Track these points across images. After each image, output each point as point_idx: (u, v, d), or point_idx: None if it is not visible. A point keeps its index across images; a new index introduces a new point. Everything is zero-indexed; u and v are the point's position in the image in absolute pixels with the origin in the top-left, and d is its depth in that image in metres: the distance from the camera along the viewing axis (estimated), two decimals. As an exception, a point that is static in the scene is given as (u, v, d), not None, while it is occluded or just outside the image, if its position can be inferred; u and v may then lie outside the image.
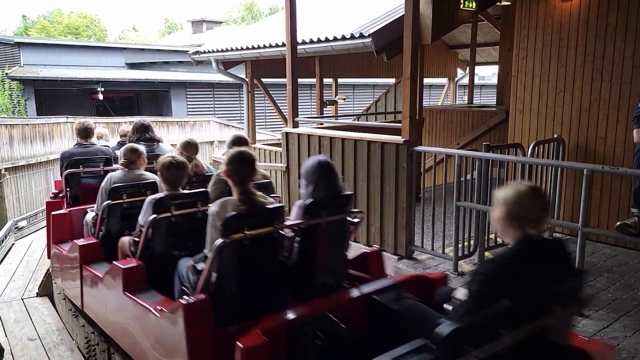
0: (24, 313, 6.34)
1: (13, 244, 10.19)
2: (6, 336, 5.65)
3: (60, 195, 5.72)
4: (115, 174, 4.36)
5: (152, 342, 3.10)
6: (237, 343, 2.42)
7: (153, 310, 3.02)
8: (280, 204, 3.10)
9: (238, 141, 4.01)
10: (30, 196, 13.69)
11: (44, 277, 7.16)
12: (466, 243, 4.57)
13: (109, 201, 4.03)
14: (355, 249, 3.57)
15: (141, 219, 3.51)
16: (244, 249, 2.70)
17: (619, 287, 4.00)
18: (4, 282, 7.56)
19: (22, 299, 6.85)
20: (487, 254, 4.63)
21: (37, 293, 7.02)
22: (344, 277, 3.20)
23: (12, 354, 5.19)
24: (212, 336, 2.68)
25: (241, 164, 2.91)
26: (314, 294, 2.92)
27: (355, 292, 3.01)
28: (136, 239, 3.53)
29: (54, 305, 6.49)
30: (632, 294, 3.88)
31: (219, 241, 2.59)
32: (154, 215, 3.32)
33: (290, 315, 2.71)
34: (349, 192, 3.26)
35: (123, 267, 3.33)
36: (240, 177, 2.91)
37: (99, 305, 3.94)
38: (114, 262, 3.50)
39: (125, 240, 3.78)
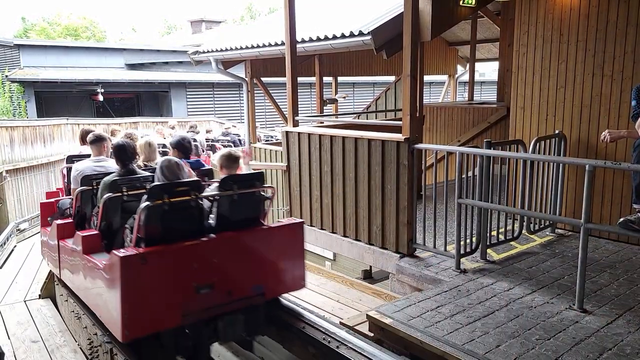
0: (27, 315, 6.34)
1: (15, 246, 10.22)
2: (9, 338, 5.64)
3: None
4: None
5: None
6: None
7: None
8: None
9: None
10: (31, 198, 13.71)
11: (46, 279, 7.16)
12: (468, 240, 4.56)
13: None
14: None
15: None
16: None
17: (622, 283, 3.99)
18: (6, 284, 7.56)
19: (25, 301, 6.85)
20: (489, 251, 4.62)
21: (39, 295, 7.02)
22: None
23: (15, 356, 5.18)
24: None
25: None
26: None
27: None
28: None
29: (56, 307, 6.49)
30: (635, 289, 3.86)
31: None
32: None
33: None
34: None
35: None
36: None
37: None
38: None
39: None
